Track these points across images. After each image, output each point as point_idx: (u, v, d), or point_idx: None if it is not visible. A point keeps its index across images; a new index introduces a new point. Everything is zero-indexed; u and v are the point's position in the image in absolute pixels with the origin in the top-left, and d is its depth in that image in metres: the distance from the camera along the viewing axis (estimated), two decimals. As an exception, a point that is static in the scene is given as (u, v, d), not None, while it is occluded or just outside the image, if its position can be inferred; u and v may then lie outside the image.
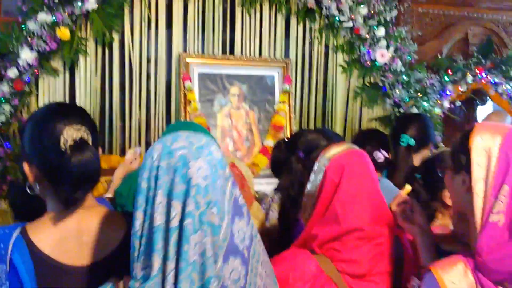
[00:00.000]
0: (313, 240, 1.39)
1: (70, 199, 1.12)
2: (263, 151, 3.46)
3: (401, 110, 3.74)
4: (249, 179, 1.96)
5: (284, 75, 3.61)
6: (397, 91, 3.71)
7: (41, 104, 3.18)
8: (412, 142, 2.34)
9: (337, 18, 3.62)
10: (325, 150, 1.48)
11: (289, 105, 3.60)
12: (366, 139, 2.36)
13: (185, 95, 3.33)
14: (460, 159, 1.17)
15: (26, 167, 1.16)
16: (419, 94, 3.74)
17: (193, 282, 0.90)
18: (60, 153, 1.10)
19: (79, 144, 1.12)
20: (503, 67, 4.05)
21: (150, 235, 0.93)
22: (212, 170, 0.96)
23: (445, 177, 1.29)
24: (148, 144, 3.39)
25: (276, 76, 3.63)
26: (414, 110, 3.72)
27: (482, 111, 4.86)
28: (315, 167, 1.45)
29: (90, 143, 1.15)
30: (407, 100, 3.71)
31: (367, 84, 3.82)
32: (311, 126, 3.75)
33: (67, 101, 3.24)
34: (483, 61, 4.03)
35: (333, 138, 1.98)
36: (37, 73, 3.10)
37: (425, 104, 3.75)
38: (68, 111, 1.22)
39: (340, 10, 3.60)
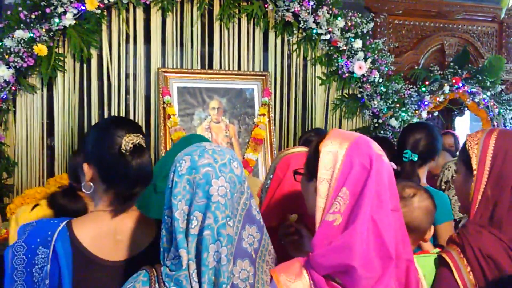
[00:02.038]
0: None
1: (128, 195, 1.28)
2: (244, 164, 3.47)
3: (380, 121, 3.79)
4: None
5: (263, 88, 3.63)
6: (375, 102, 3.76)
7: (18, 121, 3.17)
8: (415, 157, 2.22)
9: (314, 31, 3.67)
10: (283, 151, 1.58)
11: (269, 118, 3.62)
12: None
13: (164, 109, 3.33)
14: (313, 165, 1.18)
15: (85, 167, 1.33)
16: (397, 104, 3.79)
17: (212, 284, 1.04)
18: (121, 155, 1.28)
19: (138, 148, 1.31)
20: (479, 77, 4.13)
21: (176, 234, 1.06)
22: (231, 186, 1.09)
23: (300, 182, 1.31)
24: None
25: (256, 89, 3.66)
26: (393, 121, 3.76)
27: (461, 121, 4.96)
28: (271, 166, 1.55)
29: (146, 149, 1.34)
30: (386, 111, 3.76)
31: (346, 95, 3.87)
32: (291, 138, 3.78)
33: (45, 117, 3.24)
34: (459, 71, 4.10)
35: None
36: (14, 89, 3.09)
37: (404, 114, 3.80)
38: (127, 121, 1.45)
39: (317, 23, 3.65)
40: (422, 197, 1.56)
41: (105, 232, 1.29)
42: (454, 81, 4.06)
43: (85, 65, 3.32)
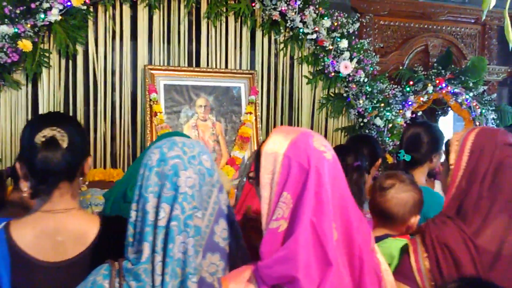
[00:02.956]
0: None
1: (35, 190, 1.25)
2: (230, 162, 3.47)
3: (365, 120, 3.83)
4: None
5: (250, 87, 3.64)
6: (360, 101, 3.80)
7: (2, 117, 3.13)
8: (408, 158, 2.18)
9: (301, 30, 3.69)
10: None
11: (256, 116, 3.63)
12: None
13: (150, 107, 3.32)
14: (257, 169, 1.15)
15: (17, 165, 1.30)
16: (382, 104, 3.84)
17: (176, 275, 1.03)
18: (34, 148, 1.25)
19: (48, 141, 1.25)
20: (462, 78, 4.19)
21: (142, 227, 1.06)
22: (200, 178, 1.10)
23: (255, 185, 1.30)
24: (113, 157, 3.36)
25: (242, 87, 3.66)
26: (378, 120, 3.80)
27: (444, 121, 5.03)
28: (247, 163, 1.55)
29: (65, 144, 1.27)
30: (371, 110, 3.80)
31: (332, 94, 3.90)
32: (278, 137, 3.78)
33: (30, 113, 3.20)
34: (443, 72, 4.17)
35: None
36: (-2, 85, 3.05)
37: (388, 114, 3.85)
38: (53, 115, 1.40)
39: (304, 23, 3.67)
40: (401, 189, 1.62)
41: (44, 234, 1.26)
42: (437, 81, 4.12)
43: (70, 61, 3.28)
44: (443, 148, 1.72)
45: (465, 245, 1.37)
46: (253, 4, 3.63)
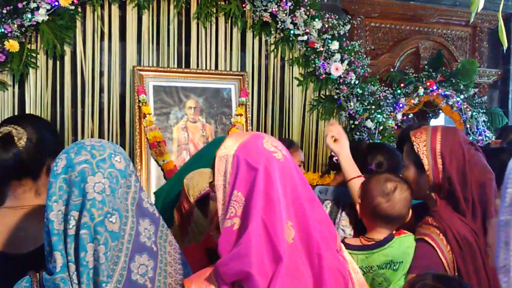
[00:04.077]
0: None
1: None
2: (220, 164, 3.44)
3: (356, 122, 3.81)
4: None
5: (241, 88, 3.62)
6: (351, 103, 3.78)
7: (-12, 118, 3.08)
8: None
9: (292, 32, 3.68)
10: None
11: (246, 118, 3.60)
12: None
13: (139, 108, 3.28)
14: (213, 173, 1.19)
15: None
16: (373, 106, 3.83)
17: (92, 284, 1.01)
18: None
19: (1, 138, 1.35)
20: (453, 80, 4.20)
21: (50, 236, 1.04)
22: (112, 182, 1.06)
23: None
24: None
25: (233, 89, 3.64)
26: (369, 123, 3.79)
27: (435, 123, 5.03)
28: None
29: (23, 142, 1.36)
30: (362, 112, 3.79)
31: (323, 96, 3.88)
32: (268, 139, 3.76)
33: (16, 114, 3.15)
34: (433, 74, 4.17)
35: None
36: (-17, 86, 3.00)
37: (379, 116, 3.84)
38: (20, 116, 1.61)
39: (295, 24, 3.65)
40: (403, 189, 1.69)
41: (6, 228, 1.35)
42: (428, 84, 4.12)
43: (58, 62, 3.24)
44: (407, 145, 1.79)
45: (473, 236, 1.53)
46: (244, 5, 3.60)
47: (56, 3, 3.05)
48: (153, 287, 1.10)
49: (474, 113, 4.30)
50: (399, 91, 4.06)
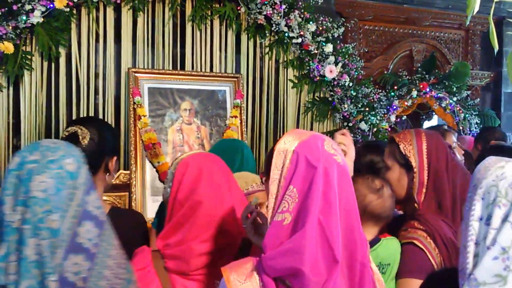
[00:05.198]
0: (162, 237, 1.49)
1: None
2: (215, 166, 3.45)
3: (350, 124, 3.84)
4: None
5: (236, 90, 3.63)
6: (345, 105, 3.81)
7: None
8: None
9: (286, 34, 3.70)
10: (177, 158, 1.59)
11: (241, 120, 3.61)
12: None
13: (134, 110, 3.29)
14: (267, 165, 1.20)
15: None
16: (366, 108, 3.85)
17: (32, 275, 1.07)
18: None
19: (68, 136, 1.57)
20: (446, 83, 4.23)
21: (1, 227, 1.10)
22: (58, 182, 1.12)
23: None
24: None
25: (228, 91, 3.65)
26: (363, 125, 3.82)
27: (429, 125, 5.07)
28: (168, 174, 1.55)
29: (86, 141, 1.57)
30: (356, 114, 3.82)
31: (317, 98, 3.90)
32: (263, 140, 3.79)
33: (11, 116, 3.16)
34: (426, 76, 4.20)
35: None
36: (-22, 88, 3.00)
37: (373, 118, 3.87)
38: (83, 118, 1.74)
39: (289, 27, 3.68)
40: (388, 186, 1.70)
41: None
42: (421, 86, 4.16)
43: (53, 64, 3.24)
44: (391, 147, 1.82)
45: (456, 238, 1.55)
46: (238, 8, 3.62)
47: (51, 5, 3.05)
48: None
49: (467, 115, 4.34)
50: (392, 93, 4.09)
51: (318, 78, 3.80)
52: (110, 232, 1.22)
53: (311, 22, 3.70)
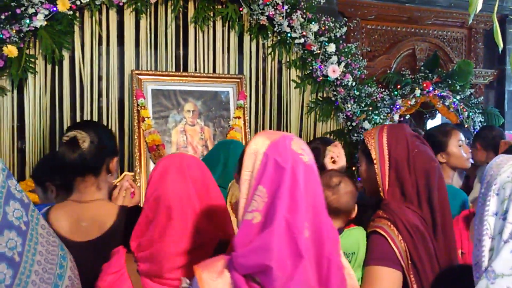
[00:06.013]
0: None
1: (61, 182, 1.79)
2: (219, 166, 3.45)
3: (353, 124, 3.84)
4: None
5: (239, 91, 3.64)
6: (349, 105, 3.81)
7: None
8: None
9: (289, 35, 3.70)
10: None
11: (244, 121, 3.62)
12: None
13: (138, 112, 3.30)
14: (239, 167, 1.24)
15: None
16: (370, 108, 3.85)
17: None
18: (60, 146, 1.64)
19: (68, 141, 1.61)
20: (449, 81, 4.23)
21: None
22: None
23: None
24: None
25: (231, 92, 3.66)
26: (366, 124, 3.82)
27: (432, 124, 5.06)
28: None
29: (86, 144, 1.62)
30: (359, 114, 3.82)
31: (320, 98, 3.90)
32: (266, 141, 3.78)
33: (15, 120, 3.17)
34: (430, 75, 4.19)
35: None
36: (-18, 92, 3.01)
37: (376, 117, 3.86)
38: (81, 122, 1.87)
39: (291, 27, 3.68)
40: (347, 183, 1.80)
41: (72, 219, 1.63)
42: (424, 85, 4.15)
43: (56, 67, 3.26)
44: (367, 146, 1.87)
45: (422, 223, 1.62)
46: (241, 9, 3.63)
47: (54, 9, 3.07)
48: (20, 261, 1.24)
49: (470, 114, 4.33)
50: (395, 93, 4.09)
51: (321, 78, 3.80)
52: (36, 213, 1.35)
53: (313, 22, 3.71)
